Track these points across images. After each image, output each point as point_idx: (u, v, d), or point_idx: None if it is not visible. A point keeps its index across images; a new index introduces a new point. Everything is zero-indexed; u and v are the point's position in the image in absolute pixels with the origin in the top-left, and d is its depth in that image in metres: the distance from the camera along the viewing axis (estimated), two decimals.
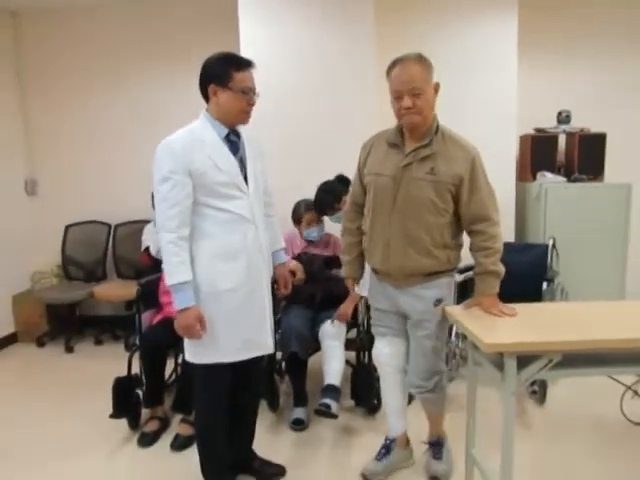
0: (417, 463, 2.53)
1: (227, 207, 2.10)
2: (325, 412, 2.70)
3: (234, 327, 2.14)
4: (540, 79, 4.20)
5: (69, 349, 4.24)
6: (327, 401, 2.72)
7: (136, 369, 2.95)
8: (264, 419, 2.97)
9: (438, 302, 2.23)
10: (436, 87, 2.14)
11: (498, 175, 3.89)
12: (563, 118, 3.99)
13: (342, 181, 3.17)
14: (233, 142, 2.18)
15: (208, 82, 2.11)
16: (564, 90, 4.19)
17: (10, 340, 4.45)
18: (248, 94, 2.11)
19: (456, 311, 2.21)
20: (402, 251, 2.17)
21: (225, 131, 2.15)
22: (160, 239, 2.06)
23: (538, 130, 4.03)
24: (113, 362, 3.54)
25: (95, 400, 3.22)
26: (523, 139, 4.11)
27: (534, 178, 3.96)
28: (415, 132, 2.15)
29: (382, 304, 2.37)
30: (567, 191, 3.81)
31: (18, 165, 4.59)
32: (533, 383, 3.13)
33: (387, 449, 2.48)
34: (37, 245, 4.69)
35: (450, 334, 3.30)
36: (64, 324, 4.52)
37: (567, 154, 4.05)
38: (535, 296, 3.14)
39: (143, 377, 2.92)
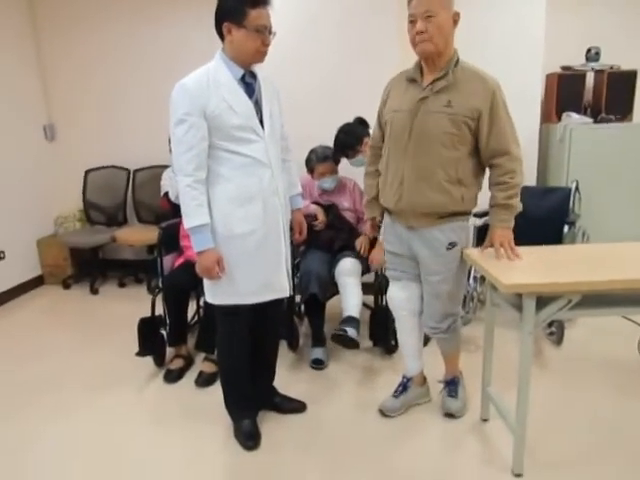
0: (433, 401, 2.59)
1: (243, 151, 2.09)
2: (343, 336, 2.72)
3: (251, 270, 2.17)
4: (569, 13, 4.00)
5: (94, 291, 4.36)
6: (344, 327, 2.76)
7: (159, 310, 3.03)
8: (285, 359, 3.06)
9: (451, 246, 2.20)
10: (455, 17, 2.06)
11: (521, 116, 3.76)
12: (592, 55, 3.83)
13: (362, 123, 3.13)
14: (249, 84, 2.13)
15: (222, 19, 2.03)
16: (594, 25, 4.00)
17: (37, 282, 4.59)
18: (263, 33, 2.03)
19: (474, 253, 2.21)
20: (415, 188, 2.14)
21: (240, 72, 2.10)
22: (178, 182, 2.06)
23: (565, 68, 3.88)
24: (137, 304, 3.65)
25: (121, 339, 3.34)
26: (549, 78, 3.96)
27: (559, 119, 3.85)
28: (433, 65, 2.10)
29: (395, 247, 2.37)
30: (593, 132, 3.70)
31: (36, 111, 4.58)
32: (550, 324, 3.16)
33: (404, 387, 2.54)
34: (59, 190, 4.76)
35: (468, 277, 3.32)
36: (88, 267, 4.63)
37: (595, 93, 3.91)
38: (556, 240, 3.12)
39: (167, 318, 3.00)
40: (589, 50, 3.84)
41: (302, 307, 3.23)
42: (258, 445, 2.31)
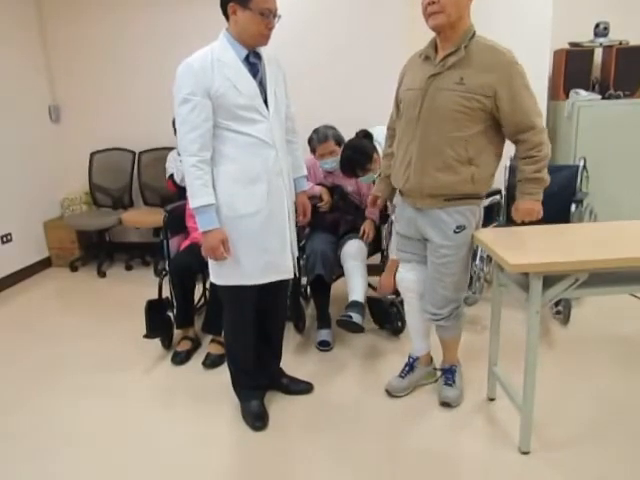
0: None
1: (247, 131, 2.08)
2: (347, 321, 2.72)
3: (255, 250, 2.17)
4: None
5: (101, 274, 4.38)
6: (349, 312, 2.76)
7: (166, 293, 3.04)
8: (291, 340, 3.08)
9: (459, 229, 2.15)
10: None
11: None
12: (601, 30, 3.76)
13: (367, 136, 3.01)
14: (253, 64, 2.11)
15: (230, 0, 2.01)
16: (602, 0, 3.93)
17: (45, 264, 4.62)
18: (268, 17, 2.01)
19: (481, 233, 2.20)
20: (422, 167, 2.10)
21: (244, 52, 2.08)
22: (183, 163, 2.06)
23: (573, 44, 3.82)
24: (144, 286, 3.67)
25: (129, 321, 3.36)
26: (557, 54, 3.90)
27: (567, 96, 3.80)
28: (446, 40, 2.02)
29: (405, 229, 2.34)
30: (601, 109, 3.66)
31: (41, 92, 4.56)
32: (557, 304, 3.15)
33: (410, 367, 2.54)
34: (65, 172, 4.75)
35: (475, 257, 3.31)
36: (95, 250, 4.66)
37: (603, 69, 3.85)
38: (563, 218, 3.09)
39: (174, 300, 3.02)
40: (597, 25, 3.77)
41: (308, 289, 3.23)
42: (266, 426, 2.33)
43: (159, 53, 4.31)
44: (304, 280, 3.14)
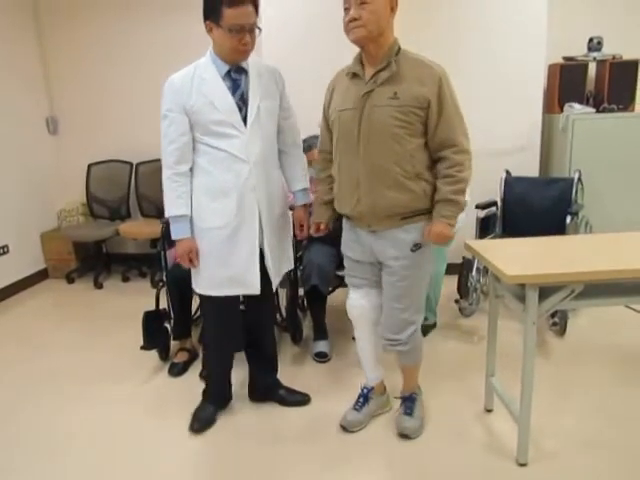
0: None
1: (220, 145, 2.12)
2: None
3: (219, 263, 2.21)
4: (571, 3, 3.98)
5: (98, 285, 4.37)
6: None
7: (163, 304, 3.04)
8: (288, 351, 3.09)
9: (416, 247, 2.07)
10: (392, 3, 1.94)
11: (523, 107, 3.84)
12: (594, 45, 3.81)
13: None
14: (234, 79, 2.13)
15: (205, 17, 2.04)
16: (596, 15, 3.99)
17: (41, 276, 4.60)
18: (240, 32, 1.99)
19: (477, 244, 2.21)
20: (372, 188, 2.01)
21: (225, 68, 2.11)
22: (162, 174, 2.17)
23: (567, 59, 3.87)
24: (141, 297, 3.67)
25: (126, 332, 3.35)
26: (551, 68, 3.95)
27: (561, 110, 3.84)
28: (372, 56, 1.97)
29: (356, 254, 2.22)
30: (595, 122, 3.69)
31: (39, 104, 4.58)
32: (554, 315, 3.16)
33: (365, 398, 2.42)
34: (62, 183, 4.76)
35: (471, 269, 3.32)
36: (92, 261, 4.65)
37: (597, 83, 3.90)
38: (559, 230, 3.11)
39: (171, 311, 3.01)
40: (591, 40, 3.82)
41: (305, 300, 3.23)
42: (201, 432, 2.37)
43: (157, 65, 4.32)
44: (301, 291, 3.14)
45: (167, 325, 3.04)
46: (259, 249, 2.23)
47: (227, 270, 2.21)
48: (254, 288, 2.26)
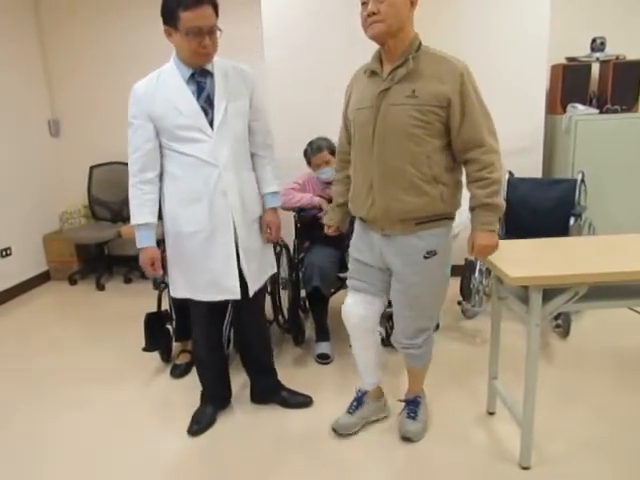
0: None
1: (188, 151, 2.09)
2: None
3: (198, 268, 2.20)
4: (574, 3, 3.97)
5: (100, 287, 4.38)
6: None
7: (165, 306, 3.04)
8: (290, 353, 3.08)
9: (429, 254, 1.98)
10: None
11: (526, 108, 3.82)
12: (597, 45, 3.79)
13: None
14: (199, 82, 2.11)
15: (163, 22, 2.01)
16: (599, 15, 3.97)
17: (44, 278, 4.61)
18: (198, 35, 1.95)
19: None
20: (387, 191, 1.92)
21: (189, 72, 2.09)
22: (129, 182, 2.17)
23: (570, 59, 3.85)
24: (143, 299, 3.67)
25: (128, 334, 3.35)
26: (554, 69, 3.94)
27: (564, 111, 3.83)
28: (390, 52, 1.88)
29: (365, 256, 2.13)
30: (598, 123, 3.68)
31: (41, 106, 4.59)
32: (557, 317, 3.15)
33: (359, 402, 2.37)
34: (64, 186, 4.77)
35: (474, 270, 3.31)
36: (94, 263, 4.66)
37: (600, 84, 3.88)
38: (562, 232, 3.10)
39: (173, 313, 3.01)
40: (594, 40, 3.80)
41: (307, 302, 3.22)
42: (200, 433, 2.37)
43: (160, 67, 4.33)
44: (303, 293, 3.13)
45: (169, 327, 3.04)
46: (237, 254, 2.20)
47: (206, 276, 2.19)
48: (234, 293, 2.22)
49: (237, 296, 2.23)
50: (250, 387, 2.61)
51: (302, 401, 2.56)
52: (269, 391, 2.57)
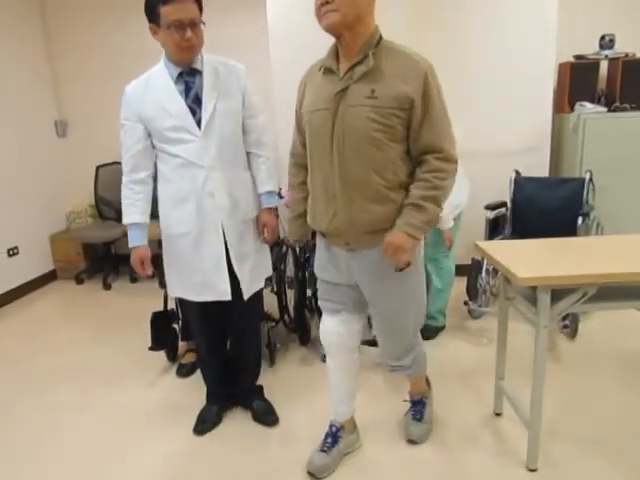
0: (435, 399, 2.58)
1: (175, 151, 2.10)
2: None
3: (188, 269, 2.21)
4: (582, 0, 3.94)
5: (107, 286, 4.39)
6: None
7: (172, 305, 3.04)
8: (296, 353, 3.08)
9: (404, 265, 1.81)
10: None
11: (534, 106, 3.80)
12: (606, 42, 3.76)
13: None
14: (187, 81, 2.09)
15: (148, 21, 1.99)
16: (608, 12, 3.94)
17: (50, 277, 4.63)
18: (180, 28, 1.93)
19: (487, 245, 2.18)
20: (350, 201, 1.75)
21: (177, 71, 2.08)
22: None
23: (578, 57, 3.82)
24: (149, 299, 3.67)
25: (134, 333, 3.36)
26: (562, 67, 3.91)
27: (572, 109, 3.80)
28: (348, 47, 1.70)
29: (332, 275, 1.96)
30: (607, 122, 3.64)
31: (48, 107, 4.61)
32: (565, 318, 3.12)
33: (334, 438, 2.14)
34: (70, 186, 4.79)
35: (480, 270, 3.29)
36: (101, 262, 4.67)
37: (609, 82, 3.85)
38: (570, 231, 3.08)
39: (179, 312, 3.01)
40: (603, 37, 3.77)
41: (313, 301, 3.22)
42: (205, 432, 2.37)
43: None
44: (309, 292, 3.13)
45: (175, 326, 3.04)
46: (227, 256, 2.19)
47: (197, 276, 2.20)
48: (225, 294, 2.21)
49: (228, 297, 2.21)
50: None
51: (266, 421, 2.42)
52: (242, 395, 2.52)
